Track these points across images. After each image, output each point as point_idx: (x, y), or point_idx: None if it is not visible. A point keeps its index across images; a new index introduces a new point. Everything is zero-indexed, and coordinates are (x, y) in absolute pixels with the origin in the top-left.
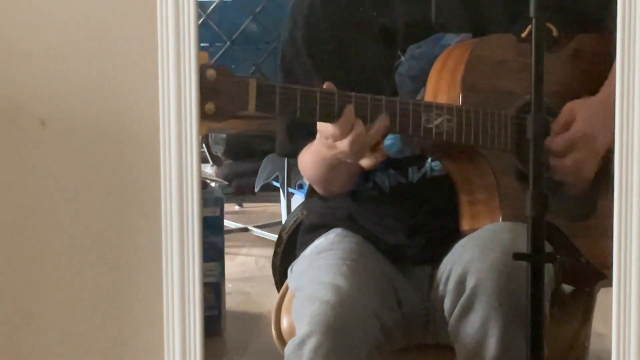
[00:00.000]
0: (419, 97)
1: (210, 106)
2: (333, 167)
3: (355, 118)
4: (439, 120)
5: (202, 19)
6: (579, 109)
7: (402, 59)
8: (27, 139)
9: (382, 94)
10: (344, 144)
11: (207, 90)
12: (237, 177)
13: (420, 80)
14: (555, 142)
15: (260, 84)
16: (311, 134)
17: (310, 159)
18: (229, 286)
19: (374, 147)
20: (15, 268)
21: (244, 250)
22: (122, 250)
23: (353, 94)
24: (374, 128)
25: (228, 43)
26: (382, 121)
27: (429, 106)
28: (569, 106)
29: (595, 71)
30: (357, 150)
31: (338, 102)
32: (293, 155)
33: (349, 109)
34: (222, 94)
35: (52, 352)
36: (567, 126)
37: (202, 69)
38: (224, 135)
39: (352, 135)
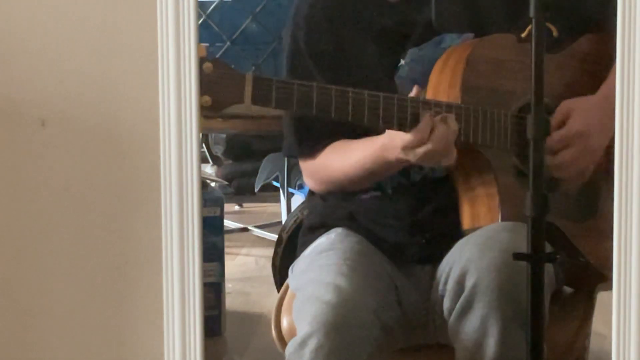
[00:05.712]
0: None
1: (206, 98)
2: (386, 169)
3: (434, 123)
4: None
5: (202, 19)
6: (574, 107)
7: (402, 62)
8: (27, 139)
9: None
10: (425, 148)
11: (203, 83)
12: (237, 177)
13: (421, 83)
14: (549, 139)
15: (257, 77)
16: (324, 135)
17: (355, 160)
18: (229, 286)
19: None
20: (14, 268)
21: (244, 250)
22: (122, 250)
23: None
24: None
25: (228, 43)
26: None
27: (427, 104)
28: (564, 104)
29: (596, 71)
30: (442, 150)
31: (335, 99)
32: (301, 156)
33: (427, 118)
34: (219, 86)
35: (52, 352)
36: (561, 124)
37: (199, 62)
38: (224, 135)
39: (435, 137)
